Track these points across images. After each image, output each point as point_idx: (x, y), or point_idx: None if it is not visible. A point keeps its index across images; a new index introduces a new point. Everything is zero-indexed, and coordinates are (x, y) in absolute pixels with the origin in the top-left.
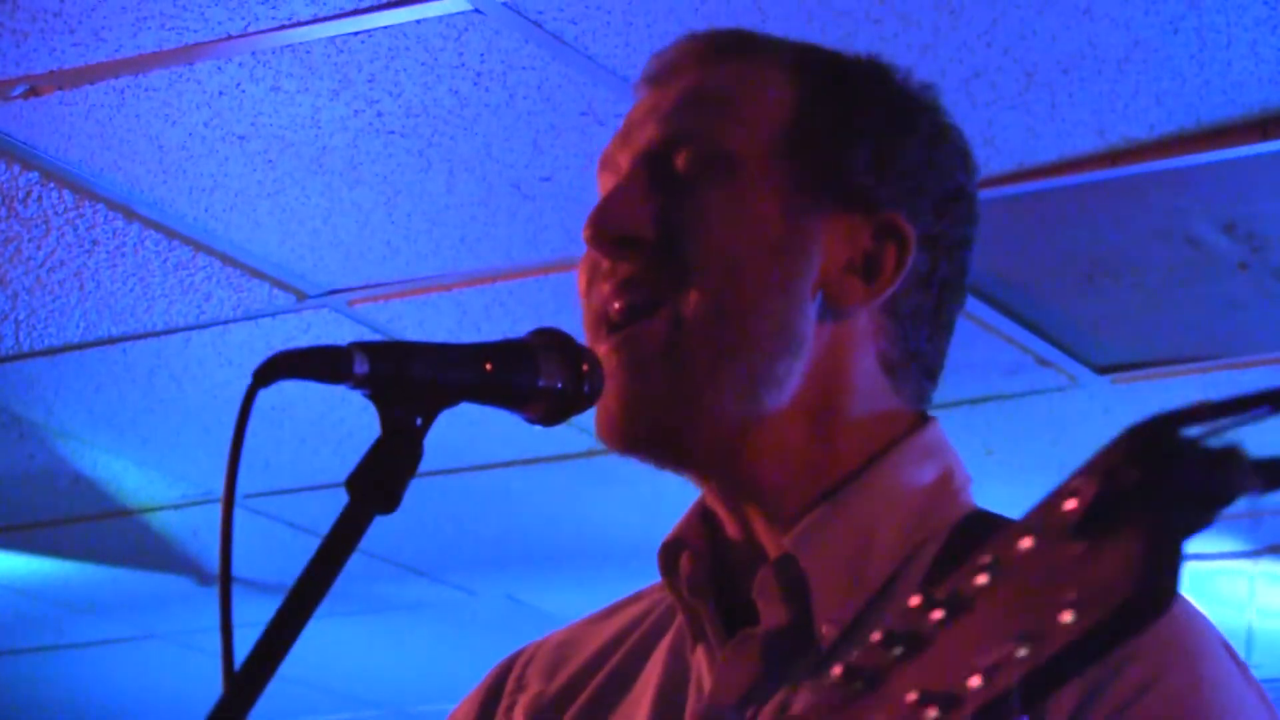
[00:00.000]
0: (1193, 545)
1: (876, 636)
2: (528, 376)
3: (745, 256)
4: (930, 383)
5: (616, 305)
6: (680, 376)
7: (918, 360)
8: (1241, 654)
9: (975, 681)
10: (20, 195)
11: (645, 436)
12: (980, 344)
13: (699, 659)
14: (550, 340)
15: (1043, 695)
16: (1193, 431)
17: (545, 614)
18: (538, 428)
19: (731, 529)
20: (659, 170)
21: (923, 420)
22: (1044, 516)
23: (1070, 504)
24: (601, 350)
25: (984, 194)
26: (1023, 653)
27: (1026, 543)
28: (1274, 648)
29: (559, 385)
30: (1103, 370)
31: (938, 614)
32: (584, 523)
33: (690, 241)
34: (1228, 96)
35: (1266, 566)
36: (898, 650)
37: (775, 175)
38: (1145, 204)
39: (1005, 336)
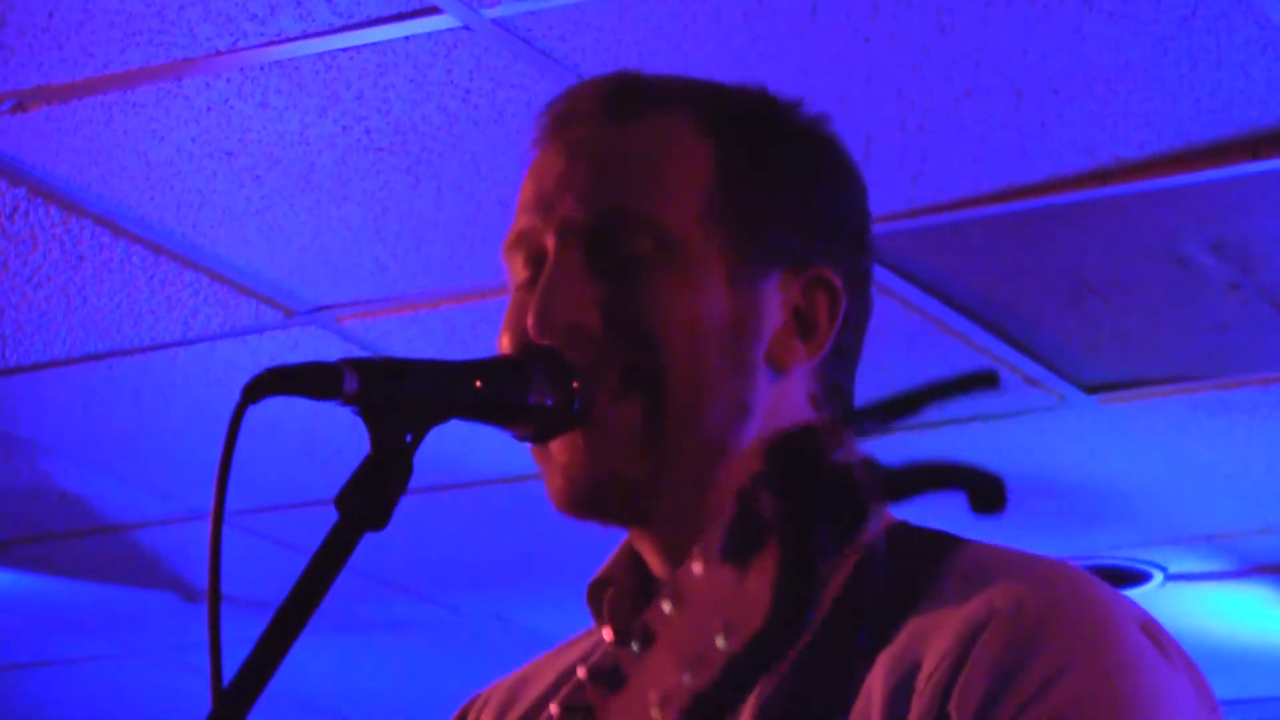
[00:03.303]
0: (1180, 565)
1: (582, 673)
2: (518, 393)
3: (701, 338)
4: (849, 408)
5: None
6: (643, 455)
7: (840, 392)
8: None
9: (654, 711)
10: (7, 211)
11: (600, 502)
12: (968, 363)
13: None
14: (540, 357)
15: (711, 717)
16: (827, 446)
17: (532, 632)
18: (527, 445)
19: (658, 569)
20: (594, 251)
21: None
22: (708, 541)
23: (718, 528)
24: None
25: (973, 213)
26: (687, 680)
27: (697, 568)
28: (1260, 668)
29: (549, 402)
30: (1091, 390)
31: (634, 646)
32: (571, 541)
33: (642, 329)
34: (1218, 116)
35: (1251, 588)
36: (603, 688)
37: (712, 247)
38: (1135, 224)
39: (993, 355)
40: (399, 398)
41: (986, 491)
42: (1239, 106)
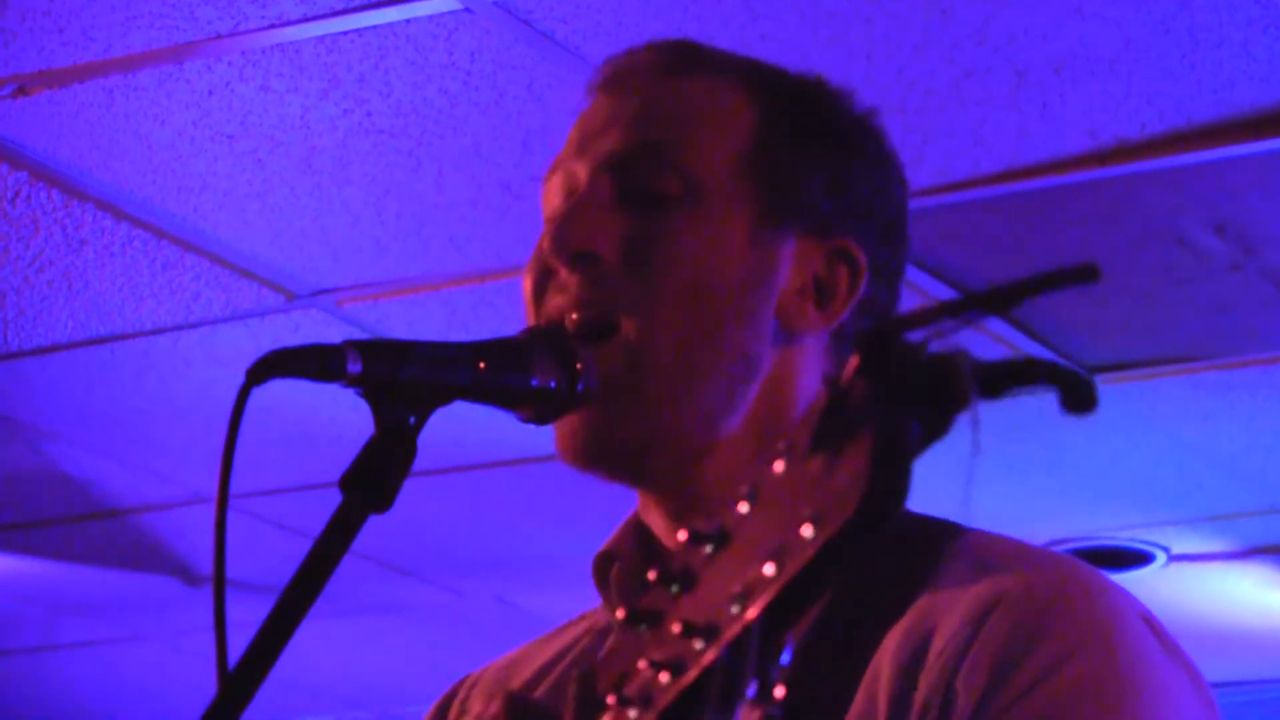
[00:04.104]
0: (1183, 546)
1: (653, 576)
2: (521, 375)
3: (713, 285)
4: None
5: (574, 317)
6: (643, 401)
7: None
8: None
9: (734, 607)
10: (9, 195)
11: (606, 457)
12: (969, 344)
13: None
14: (544, 339)
15: (797, 609)
16: (918, 336)
17: (533, 615)
18: (529, 426)
19: (666, 538)
20: (624, 185)
21: None
22: (791, 439)
23: (805, 426)
24: None
25: (974, 194)
26: (770, 570)
27: (778, 466)
28: (1263, 649)
29: (552, 384)
30: (1093, 370)
31: (706, 548)
32: (572, 524)
33: (657, 266)
34: (1219, 96)
35: (1254, 568)
36: (674, 588)
37: (740, 199)
38: (1136, 204)
39: (995, 336)
40: (402, 379)
41: (1080, 390)
42: (1241, 86)
